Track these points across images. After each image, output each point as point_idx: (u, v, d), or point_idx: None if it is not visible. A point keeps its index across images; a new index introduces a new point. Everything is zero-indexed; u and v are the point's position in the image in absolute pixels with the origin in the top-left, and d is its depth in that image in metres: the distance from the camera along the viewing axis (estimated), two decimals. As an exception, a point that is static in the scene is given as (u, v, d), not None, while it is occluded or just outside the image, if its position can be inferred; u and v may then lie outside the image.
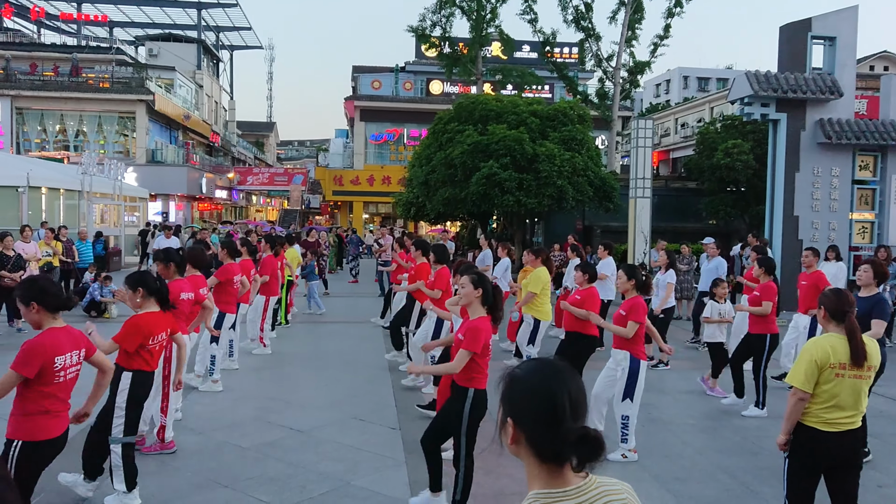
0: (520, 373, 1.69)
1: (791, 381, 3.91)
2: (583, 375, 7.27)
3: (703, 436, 6.87)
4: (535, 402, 1.62)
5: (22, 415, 3.75)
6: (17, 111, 34.89)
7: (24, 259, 11.91)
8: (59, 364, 3.73)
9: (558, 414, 1.59)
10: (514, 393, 1.66)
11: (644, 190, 15.99)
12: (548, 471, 1.62)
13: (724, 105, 36.19)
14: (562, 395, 1.60)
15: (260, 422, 6.88)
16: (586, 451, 1.58)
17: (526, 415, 1.63)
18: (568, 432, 1.57)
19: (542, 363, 1.71)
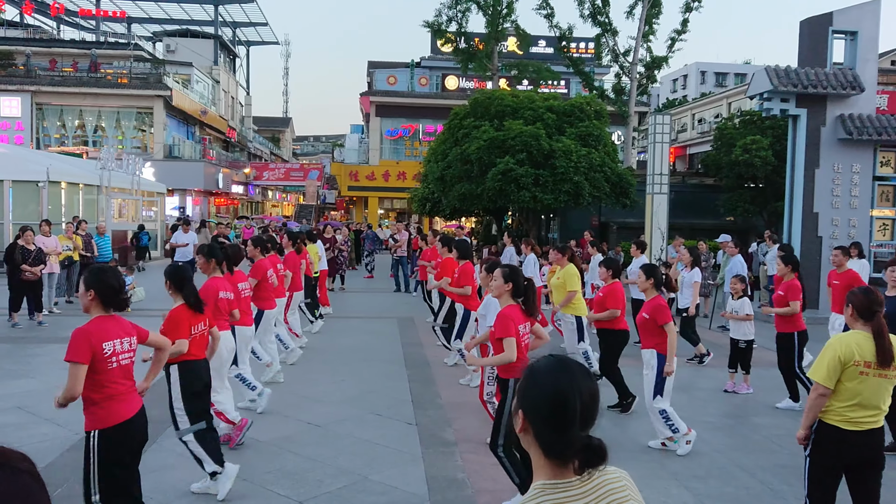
0: (539, 367, 1.72)
1: (813, 377, 3.87)
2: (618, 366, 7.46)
3: (722, 434, 6.83)
4: (546, 402, 1.65)
5: (90, 405, 3.82)
6: (37, 107, 35.24)
7: (45, 253, 12.03)
8: (108, 350, 3.77)
9: (567, 419, 1.62)
10: (529, 387, 1.69)
11: (661, 186, 15.88)
12: (552, 465, 1.66)
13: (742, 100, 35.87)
14: (573, 401, 1.63)
15: (277, 416, 6.92)
16: (589, 459, 1.62)
17: (536, 411, 1.66)
18: (574, 438, 1.61)
19: (562, 363, 1.72)
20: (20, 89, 34.47)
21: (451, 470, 5.63)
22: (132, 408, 3.94)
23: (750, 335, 8.35)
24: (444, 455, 5.96)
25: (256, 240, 8.71)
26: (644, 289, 6.32)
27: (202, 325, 5.07)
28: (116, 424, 3.84)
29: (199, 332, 5.05)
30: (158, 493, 5.03)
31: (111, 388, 3.82)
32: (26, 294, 11.70)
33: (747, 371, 8.38)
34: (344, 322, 12.94)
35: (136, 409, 3.96)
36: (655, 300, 6.20)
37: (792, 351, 7.57)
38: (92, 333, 3.75)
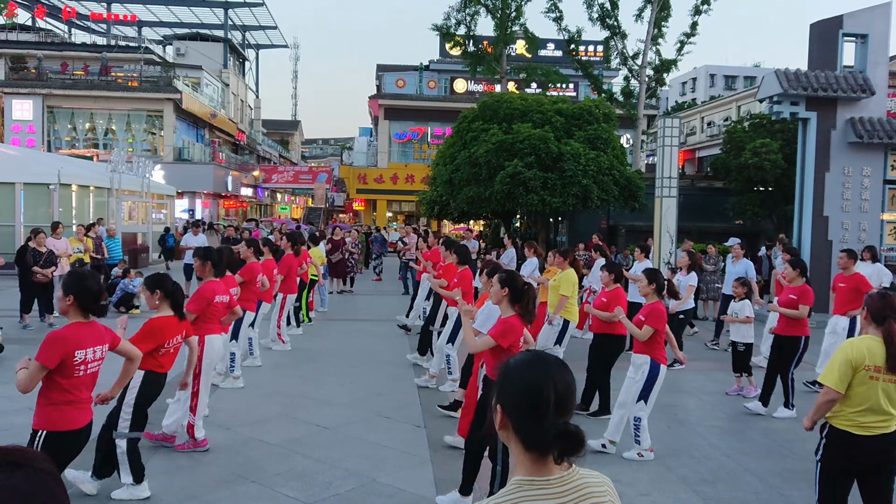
0: (513, 363, 1.76)
1: (824, 381, 3.86)
2: (611, 376, 7.27)
3: (731, 438, 6.81)
4: (521, 393, 1.68)
5: (46, 405, 3.82)
6: (49, 110, 35.49)
7: (56, 255, 12.11)
8: (79, 358, 3.79)
9: (542, 408, 1.64)
10: (505, 382, 1.73)
11: (670, 189, 15.84)
12: (532, 459, 1.68)
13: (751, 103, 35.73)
14: (547, 390, 1.65)
15: (286, 418, 6.94)
16: (567, 446, 1.63)
17: (512, 404, 1.69)
18: (550, 426, 1.62)
19: (535, 356, 1.77)
20: (32, 92, 34.74)
21: (459, 473, 5.62)
22: (85, 418, 3.95)
23: (749, 338, 8.34)
24: (452, 458, 5.96)
25: (250, 241, 8.75)
26: (645, 293, 6.29)
27: (178, 339, 5.12)
28: (67, 430, 3.85)
29: (174, 345, 5.09)
30: (169, 493, 5.06)
31: (72, 395, 3.84)
32: (37, 296, 11.78)
33: (750, 373, 8.37)
34: (352, 325, 12.97)
35: (88, 420, 3.97)
36: (654, 305, 6.16)
37: (793, 355, 7.53)
38: (68, 340, 3.77)
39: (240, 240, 16.67)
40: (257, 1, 45.10)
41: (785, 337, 7.59)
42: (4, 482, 1.08)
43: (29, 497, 1.09)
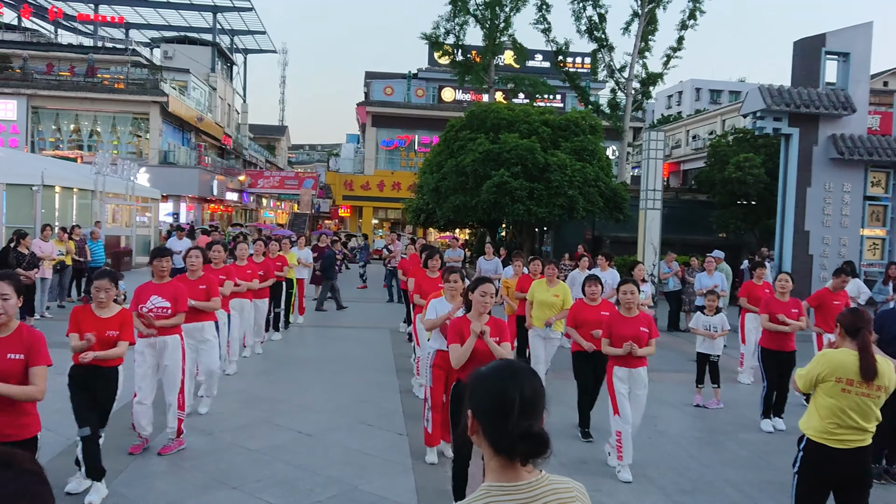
0: (483, 370, 1.81)
1: (797, 380, 4.12)
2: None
3: (710, 449, 6.88)
4: (488, 396, 1.73)
5: (34, 409, 3.88)
6: (33, 110, 35.19)
7: (39, 258, 12.02)
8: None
9: (506, 409, 1.68)
10: (474, 386, 1.78)
11: (654, 202, 15.98)
12: (501, 464, 1.71)
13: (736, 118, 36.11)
14: (513, 392, 1.69)
15: (268, 424, 6.93)
16: (531, 447, 1.66)
17: (480, 407, 1.73)
18: (514, 427, 1.66)
19: (505, 363, 1.83)
20: (16, 92, 34.44)
21: (441, 482, 5.65)
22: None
23: (720, 349, 8.46)
24: (434, 466, 5.98)
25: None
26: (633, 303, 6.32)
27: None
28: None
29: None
30: (150, 499, 5.04)
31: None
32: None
33: (719, 385, 8.47)
34: (336, 331, 12.96)
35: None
36: (647, 315, 6.23)
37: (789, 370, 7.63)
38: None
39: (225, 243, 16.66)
40: (246, 5, 45.03)
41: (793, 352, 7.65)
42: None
43: (15, 497, 1.11)
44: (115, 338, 5.01)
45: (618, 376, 6.01)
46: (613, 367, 6.05)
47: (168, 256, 6.21)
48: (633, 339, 5.92)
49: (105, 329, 4.97)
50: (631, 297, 6.09)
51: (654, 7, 27.32)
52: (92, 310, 5.02)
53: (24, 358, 3.66)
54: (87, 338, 4.82)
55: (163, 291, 5.97)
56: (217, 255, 8.03)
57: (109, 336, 4.96)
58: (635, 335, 5.96)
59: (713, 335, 8.44)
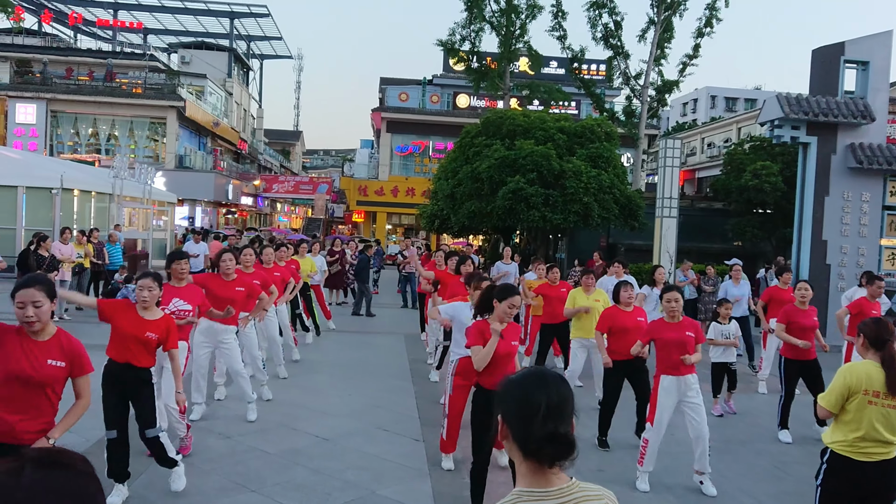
0: (514, 376, 1.86)
1: (822, 402, 3.95)
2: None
3: (728, 459, 6.84)
4: (515, 400, 1.77)
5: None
6: (52, 114, 35.62)
7: (58, 260, 12.15)
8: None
9: (532, 412, 1.72)
10: (504, 392, 1.82)
11: (670, 209, 15.95)
12: (531, 469, 1.74)
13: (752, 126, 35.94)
14: (539, 396, 1.74)
15: (286, 428, 6.96)
16: (557, 450, 1.70)
17: (509, 411, 1.77)
18: (539, 429, 1.70)
19: (533, 370, 1.87)
20: (36, 96, 34.90)
21: (458, 488, 5.65)
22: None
23: (735, 357, 8.53)
24: (451, 472, 5.98)
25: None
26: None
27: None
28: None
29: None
30: (169, 501, 5.08)
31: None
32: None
33: (734, 390, 8.51)
34: (351, 336, 12.99)
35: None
36: (692, 320, 6.10)
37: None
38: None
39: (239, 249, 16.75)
40: (263, 12, 45.41)
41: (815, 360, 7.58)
42: (48, 481, 1.12)
43: (69, 496, 1.14)
44: (155, 341, 4.99)
45: (664, 387, 5.87)
46: (661, 376, 5.90)
47: (187, 259, 6.30)
48: (679, 343, 5.80)
49: (146, 330, 4.94)
50: (675, 305, 5.94)
51: (670, 15, 27.27)
52: (136, 310, 4.99)
53: (67, 367, 3.64)
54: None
55: (183, 294, 6.03)
56: (248, 259, 8.05)
57: (149, 338, 4.94)
58: (681, 340, 5.83)
59: (732, 343, 8.41)
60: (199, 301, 6.12)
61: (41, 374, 3.56)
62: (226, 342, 6.90)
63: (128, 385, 4.97)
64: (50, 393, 3.64)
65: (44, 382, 3.58)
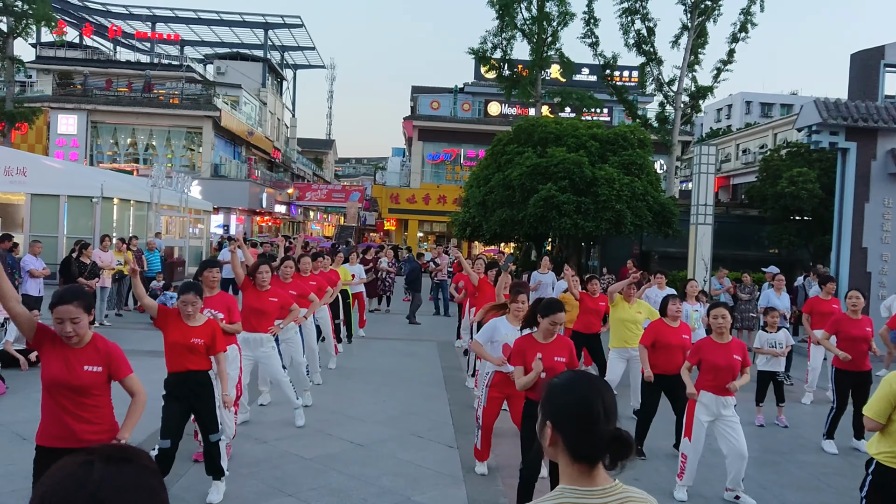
0: (558, 382, 1.86)
1: (867, 412, 3.89)
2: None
3: (767, 470, 6.73)
4: (571, 404, 1.78)
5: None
6: (92, 125, 36.48)
7: (99, 267, 12.42)
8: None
9: (594, 417, 1.74)
10: (554, 399, 1.82)
11: (705, 217, 15.76)
12: (579, 470, 1.76)
13: (788, 131, 35.44)
14: (597, 402, 1.77)
15: (321, 434, 7.03)
16: (619, 450, 1.74)
17: (564, 418, 1.78)
18: (603, 433, 1.73)
19: (579, 374, 1.90)
20: (77, 108, 35.77)
21: (493, 494, 5.66)
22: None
23: (783, 366, 8.39)
24: (486, 479, 5.99)
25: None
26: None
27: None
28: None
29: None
30: None
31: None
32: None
33: (783, 403, 8.37)
34: (384, 343, 13.06)
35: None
36: (739, 342, 5.98)
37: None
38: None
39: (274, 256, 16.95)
40: (296, 23, 46.00)
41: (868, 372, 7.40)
42: (117, 475, 1.17)
43: (138, 490, 1.19)
44: (202, 346, 5.11)
45: (702, 402, 5.78)
46: (700, 390, 5.81)
47: (218, 267, 6.37)
48: (727, 368, 5.68)
49: (191, 337, 5.08)
50: (723, 322, 5.81)
51: (704, 20, 27.04)
52: (181, 319, 5.13)
53: (104, 371, 3.73)
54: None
55: (214, 303, 6.12)
56: (289, 272, 8.16)
57: (195, 344, 5.08)
58: (728, 364, 5.69)
59: (779, 353, 8.28)
60: (224, 310, 6.20)
61: (80, 380, 3.65)
62: (265, 351, 7.00)
63: (190, 391, 5.11)
64: (97, 396, 3.73)
65: (84, 388, 3.67)
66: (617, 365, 8.15)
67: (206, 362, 5.20)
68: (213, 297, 6.13)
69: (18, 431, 6.67)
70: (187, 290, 5.17)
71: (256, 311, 6.82)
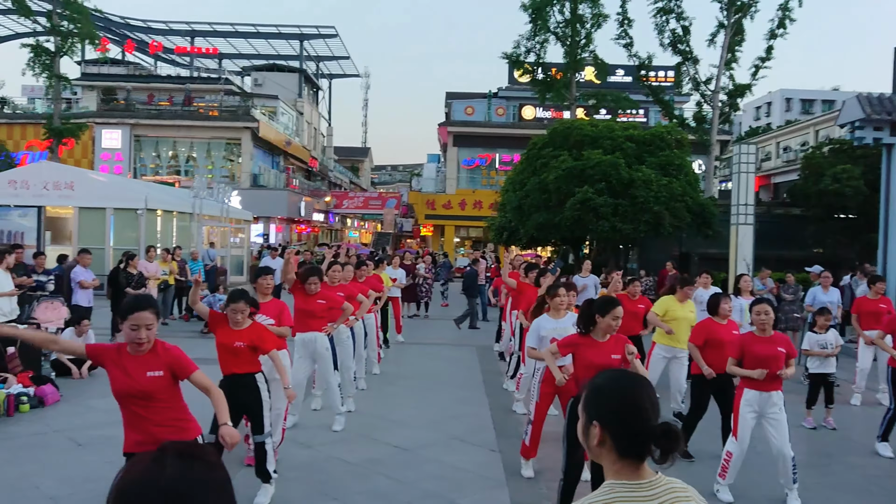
0: (601, 381, 1.90)
1: None
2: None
3: (815, 472, 6.62)
4: (618, 401, 1.82)
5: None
6: (135, 138, 37.36)
7: (146, 277, 12.74)
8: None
9: (642, 414, 1.79)
10: (599, 398, 1.86)
11: (746, 217, 15.51)
12: (626, 466, 1.80)
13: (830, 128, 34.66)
14: (643, 398, 1.81)
15: (365, 438, 7.12)
16: (669, 443, 1.76)
17: (612, 416, 1.81)
18: (653, 428, 1.77)
19: (621, 371, 1.95)
20: (120, 122, 36.68)
21: (537, 498, 5.68)
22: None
23: (834, 367, 8.22)
24: (529, 483, 6.01)
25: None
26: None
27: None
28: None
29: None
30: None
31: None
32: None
33: (832, 405, 8.21)
34: (424, 348, 13.15)
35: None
36: (782, 335, 5.93)
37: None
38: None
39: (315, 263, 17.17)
40: (331, 33, 46.53)
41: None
42: (188, 470, 1.25)
43: (205, 485, 1.26)
44: (245, 349, 5.26)
45: (747, 400, 5.75)
46: (744, 389, 5.77)
47: (272, 275, 6.55)
48: (772, 360, 5.65)
49: (234, 340, 5.26)
50: (766, 318, 5.78)
51: (740, 17, 26.65)
52: (228, 324, 5.32)
53: (166, 374, 3.84)
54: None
55: (267, 309, 6.26)
56: (337, 276, 8.31)
57: (238, 347, 5.24)
58: (773, 355, 5.67)
59: (829, 353, 8.13)
60: (276, 315, 6.36)
61: (144, 387, 3.77)
62: (320, 352, 7.19)
63: (239, 393, 5.22)
64: (166, 398, 3.85)
65: (149, 393, 3.79)
66: (658, 364, 8.07)
67: (250, 365, 5.34)
68: (267, 304, 6.31)
69: (74, 437, 6.90)
70: (238, 298, 5.33)
71: (307, 313, 7.08)
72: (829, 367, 8.17)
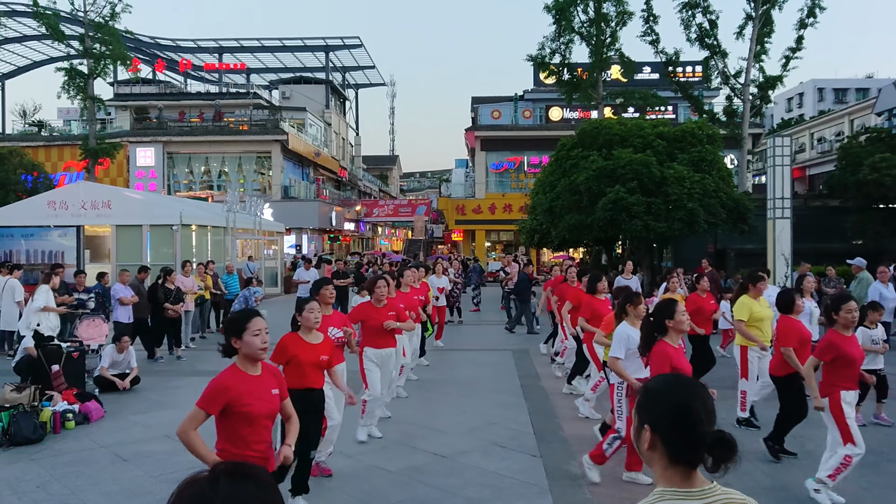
0: (654, 385, 1.86)
1: None
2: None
3: (867, 470, 6.43)
4: (672, 410, 1.77)
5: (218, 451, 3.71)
6: (168, 155, 38.05)
7: (183, 292, 12.91)
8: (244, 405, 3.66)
9: (695, 420, 1.74)
10: (652, 403, 1.81)
11: (783, 210, 15.24)
12: (677, 473, 1.75)
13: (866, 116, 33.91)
14: (697, 404, 1.76)
15: (404, 447, 7.11)
16: (722, 452, 1.71)
17: (664, 422, 1.77)
18: (705, 435, 1.72)
19: (675, 377, 1.90)
20: (153, 140, 37.40)
21: (580, 503, 5.61)
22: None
23: (883, 363, 8.03)
24: (572, 488, 5.94)
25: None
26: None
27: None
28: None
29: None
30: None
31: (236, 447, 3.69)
32: (167, 331, 12.58)
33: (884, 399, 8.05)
34: (460, 354, 13.12)
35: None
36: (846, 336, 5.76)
37: None
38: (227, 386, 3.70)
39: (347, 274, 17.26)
40: (356, 43, 46.90)
41: None
42: (241, 491, 1.25)
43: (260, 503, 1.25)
44: (327, 363, 5.27)
45: (847, 402, 5.58)
46: (841, 392, 5.55)
47: (331, 284, 6.48)
48: (861, 360, 5.65)
49: (319, 354, 5.18)
50: (857, 316, 5.70)
51: (768, 8, 26.26)
52: (301, 336, 5.21)
53: (280, 392, 3.82)
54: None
55: (334, 321, 6.24)
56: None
57: (323, 360, 5.21)
58: (862, 355, 5.68)
59: (881, 349, 7.93)
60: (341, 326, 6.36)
61: (272, 406, 3.75)
62: (389, 365, 7.42)
63: (307, 407, 5.05)
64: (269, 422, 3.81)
65: (273, 413, 3.78)
66: (754, 367, 7.71)
67: (323, 379, 5.32)
68: (331, 316, 6.19)
69: (119, 453, 7.00)
70: (311, 298, 5.39)
71: (379, 330, 7.18)
72: (877, 362, 7.97)
